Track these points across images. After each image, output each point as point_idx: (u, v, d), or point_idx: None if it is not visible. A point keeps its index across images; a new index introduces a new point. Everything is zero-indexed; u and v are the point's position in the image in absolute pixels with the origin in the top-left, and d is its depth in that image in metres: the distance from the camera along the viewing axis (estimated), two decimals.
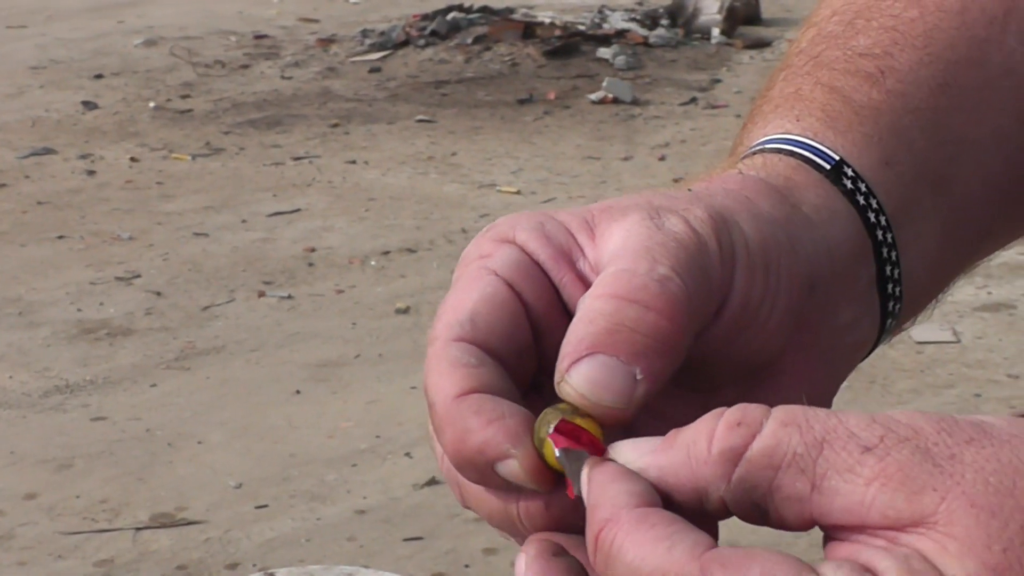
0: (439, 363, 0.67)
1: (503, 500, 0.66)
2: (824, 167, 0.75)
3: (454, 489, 0.69)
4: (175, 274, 5.41)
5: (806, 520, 0.58)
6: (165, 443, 4.18)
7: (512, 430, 0.64)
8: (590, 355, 0.64)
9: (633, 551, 0.57)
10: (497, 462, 0.64)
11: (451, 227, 5.81)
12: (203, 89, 7.92)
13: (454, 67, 8.19)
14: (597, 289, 0.66)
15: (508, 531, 0.68)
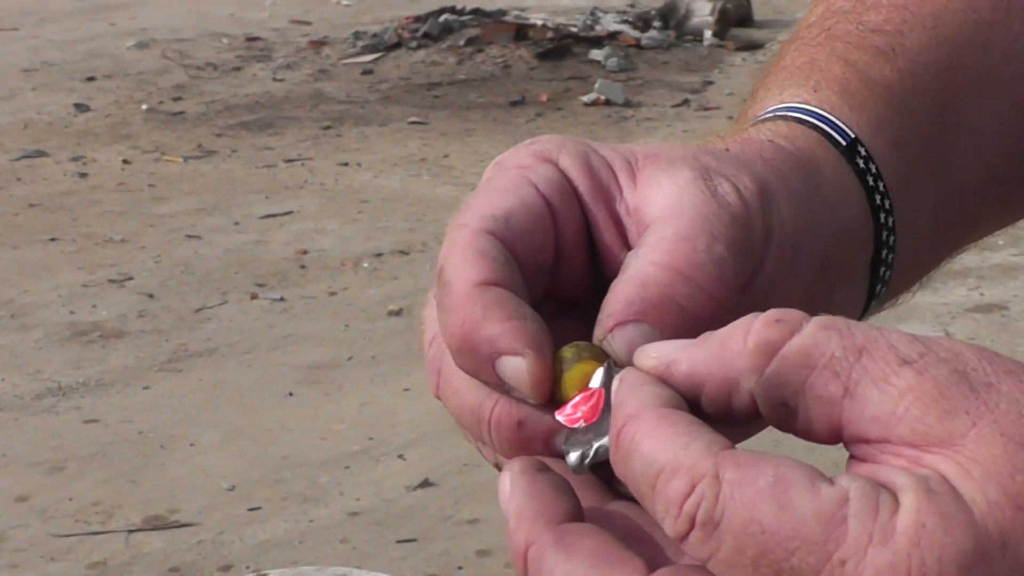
0: (465, 248, 0.66)
1: (480, 400, 0.65)
2: (840, 143, 0.75)
3: (431, 376, 0.68)
4: (167, 276, 5.40)
5: (833, 426, 0.57)
6: (158, 445, 4.17)
7: (530, 332, 0.63)
8: (636, 322, 0.64)
9: (650, 445, 0.57)
10: (503, 357, 0.63)
11: (443, 229, 5.72)
12: (195, 91, 7.92)
13: (446, 69, 8.19)
14: (655, 254, 0.65)
15: (472, 434, 0.67)
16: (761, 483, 0.55)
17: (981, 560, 0.53)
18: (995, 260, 5.30)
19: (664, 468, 0.56)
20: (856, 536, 0.53)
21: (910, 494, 0.54)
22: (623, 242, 0.68)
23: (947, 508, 0.54)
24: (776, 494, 0.54)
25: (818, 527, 0.54)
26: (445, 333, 0.65)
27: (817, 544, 0.54)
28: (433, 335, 0.68)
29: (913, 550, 0.53)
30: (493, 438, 0.65)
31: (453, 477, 3.94)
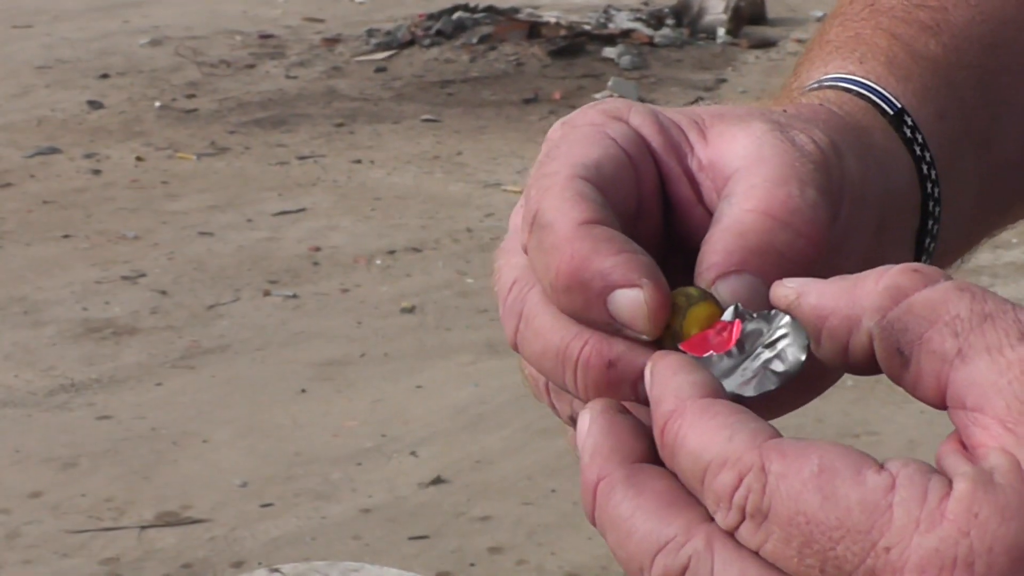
0: (563, 191, 0.64)
1: (567, 340, 0.64)
2: (887, 112, 0.75)
3: (510, 322, 0.66)
4: (180, 273, 5.41)
5: (941, 385, 0.57)
6: (170, 442, 4.18)
7: (645, 264, 0.62)
8: (739, 272, 0.63)
9: (695, 440, 0.57)
10: (617, 291, 0.62)
11: (456, 226, 5.81)
12: (208, 88, 7.92)
13: (459, 67, 8.18)
14: (749, 202, 0.64)
15: (554, 377, 0.65)
16: (805, 473, 0.54)
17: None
18: (1009, 258, 5.29)
19: (711, 463, 0.56)
20: (901, 523, 0.53)
21: (966, 482, 0.53)
22: (698, 198, 0.68)
23: (1007, 500, 0.53)
24: (821, 484, 0.54)
25: (862, 516, 0.53)
26: (548, 273, 0.63)
27: (861, 532, 0.53)
28: (514, 280, 0.66)
29: (961, 538, 0.52)
30: (579, 380, 0.64)
31: (465, 474, 3.94)
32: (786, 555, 0.55)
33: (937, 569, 0.52)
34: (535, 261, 0.65)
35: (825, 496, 0.54)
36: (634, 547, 0.58)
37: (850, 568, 0.53)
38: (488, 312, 4.95)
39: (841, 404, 4.11)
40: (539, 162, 0.68)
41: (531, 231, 0.65)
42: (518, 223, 0.68)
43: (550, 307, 0.64)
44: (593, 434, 0.60)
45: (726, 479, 0.56)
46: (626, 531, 0.58)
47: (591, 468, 0.60)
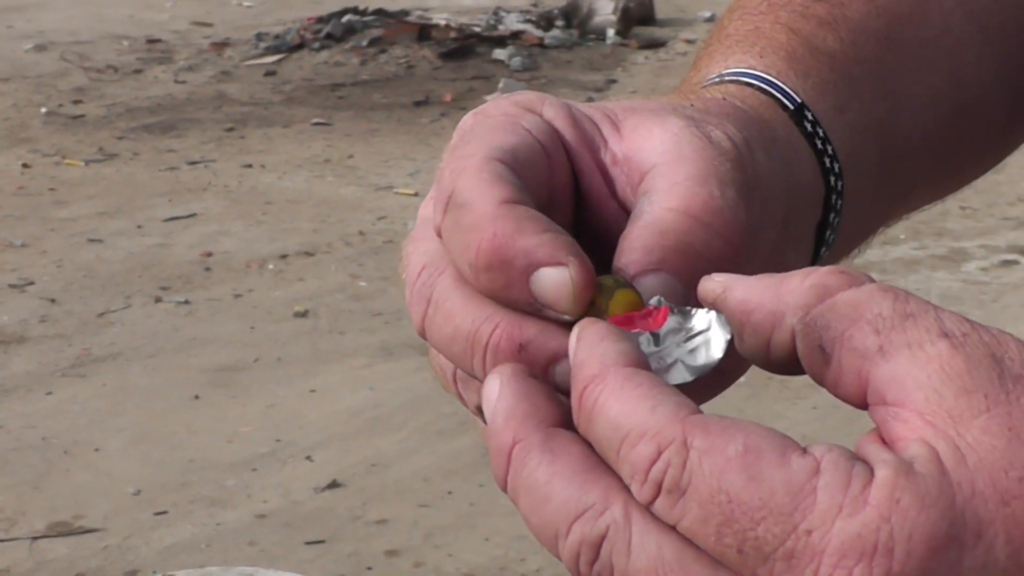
0: (480, 172, 0.64)
1: (477, 324, 0.63)
2: (788, 107, 0.75)
3: (418, 308, 0.66)
4: (70, 281, 5.35)
5: (862, 381, 0.57)
6: (62, 451, 4.13)
7: (569, 243, 0.62)
8: (657, 271, 0.63)
9: (616, 408, 0.56)
10: (541, 269, 0.61)
11: (349, 230, 5.79)
12: (96, 94, 7.84)
13: (349, 70, 8.16)
14: (670, 200, 0.64)
15: (463, 363, 0.64)
16: (730, 451, 0.54)
17: (953, 545, 0.53)
18: (897, 254, 5.36)
19: (630, 433, 0.56)
20: (825, 507, 0.53)
21: (888, 470, 0.53)
22: (611, 191, 0.68)
23: (926, 488, 0.53)
24: (745, 464, 0.54)
25: (786, 498, 0.53)
26: (467, 253, 0.63)
27: (784, 515, 0.53)
28: (423, 266, 0.66)
29: (883, 524, 0.53)
30: (488, 364, 0.63)
31: (361, 478, 3.93)
32: (703, 533, 0.54)
33: (858, 554, 0.52)
34: (452, 242, 0.64)
35: (750, 476, 0.54)
36: (550, 514, 0.57)
37: (769, 550, 0.53)
38: (382, 315, 4.94)
39: (735, 401, 4.15)
40: (452, 147, 0.67)
41: (446, 211, 0.64)
42: (428, 213, 0.68)
43: (460, 291, 0.64)
44: (505, 397, 0.60)
45: (645, 451, 0.55)
46: (542, 497, 0.57)
47: (505, 432, 0.59)
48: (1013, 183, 5.96)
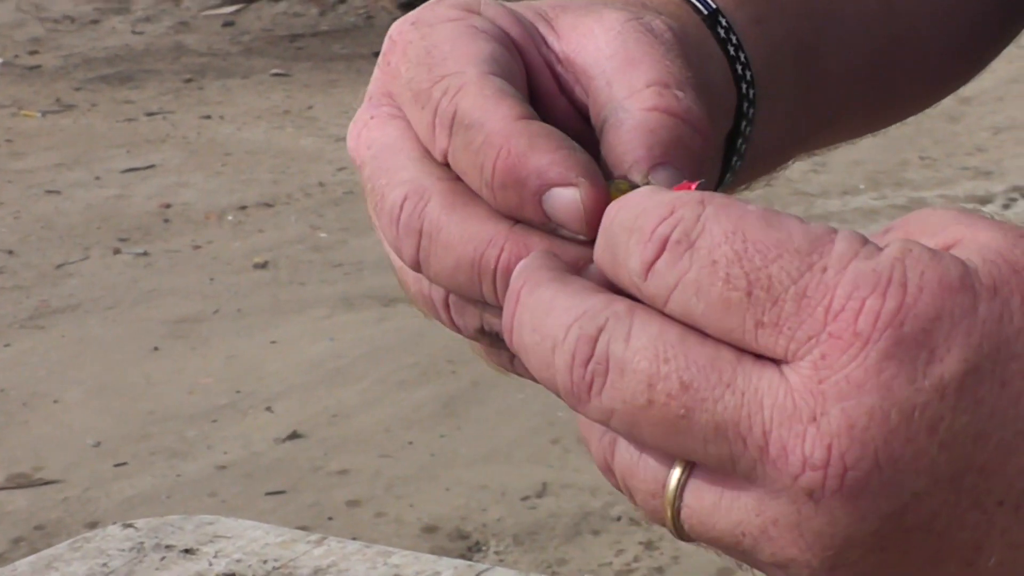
0: (482, 89, 0.62)
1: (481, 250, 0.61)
2: (702, 12, 0.73)
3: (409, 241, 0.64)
4: (27, 232, 5.31)
5: None
6: (20, 403, 4.11)
7: (583, 162, 0.61)
8: (666, 165, 0.62)
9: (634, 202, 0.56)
10: (553, 189, 0.60)
11: (308, 181, 5.77)
12: (52, 45, 7.78)
13: (308, 20, 8.12)
14: (643, 102, 0.63)
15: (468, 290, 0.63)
16: (748, 208, 0.53)
17: (967, 291, 0.52)
18: (856, 204, 5.37)
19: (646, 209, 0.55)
20: (841, 251, 0.52)
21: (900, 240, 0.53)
22: (560, 88, 0.67)
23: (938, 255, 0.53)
24: (767, 215, 0.53)
25: (804, 241, 0.52)
26: (482, 173, 0.61)
27: (801, 254, 0.52)
28: (404, 196, 0.64)
29: (896, 263, 0.52)
30: (499, 289, 0.61)
31: (322, 429, 3.93)
32: (711, 279, 0.52)
33: (871, 285, 0.51)
34: (463, 163, 0.62)
35: (768, 223, 0.53)
36: (551, 322, 0.55)
37: (780, 289, 0.52)
38: (342, 266, 4.93)
39: None
40: (415, 64, 0.65)
41: (452, 134, 0.62)
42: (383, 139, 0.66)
43: (454, 216, 0.62)
44: (526, 260, 0.59)
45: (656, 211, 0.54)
46: (544, 311, 0.55)
47: (517, 279, 0.57)
48: (971, 133, 5.98)
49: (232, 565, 1.14)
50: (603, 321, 0.54)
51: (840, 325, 0.51)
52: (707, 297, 0.53)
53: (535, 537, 3.38)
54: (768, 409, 0.52)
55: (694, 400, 0.52)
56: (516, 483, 3.59)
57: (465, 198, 0.63)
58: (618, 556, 3.29)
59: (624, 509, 3.42)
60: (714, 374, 0.52)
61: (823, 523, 0.52)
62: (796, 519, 0.53)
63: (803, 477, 0.52)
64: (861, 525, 0.52)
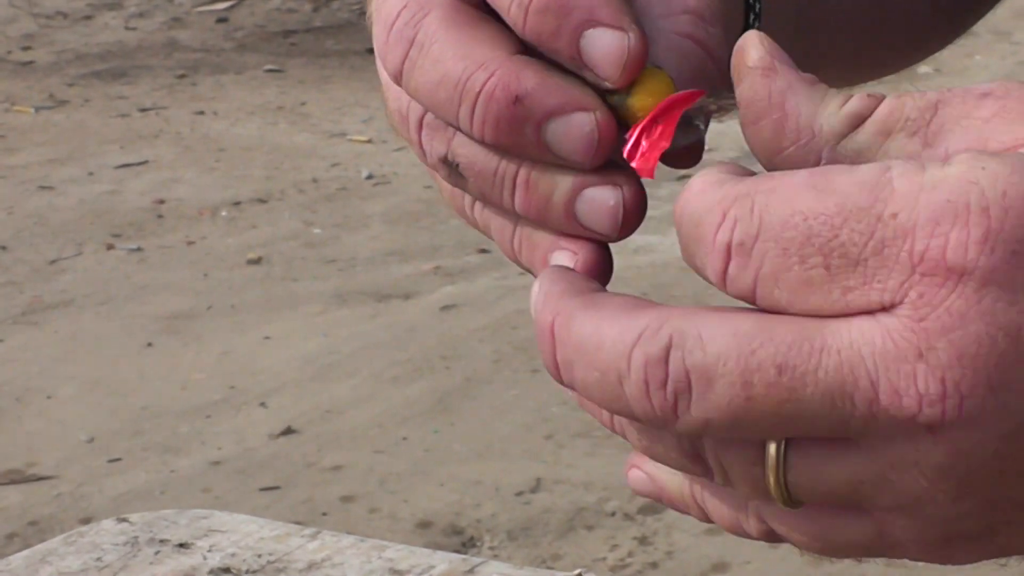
0: None
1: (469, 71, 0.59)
2: None
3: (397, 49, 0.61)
4: (20, 228, 5.31)
5: None
6: (13, 399, 4.11)
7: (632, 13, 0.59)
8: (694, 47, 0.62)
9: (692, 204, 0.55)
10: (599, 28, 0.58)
11: (302, 177, 5.77)
12: (45, 40, 7.77)
13: (302, 16, 8.11)
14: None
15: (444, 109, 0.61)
16: (796, 179, 0.52)
17: None
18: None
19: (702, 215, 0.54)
20: (904, 190, 0.51)
21: (966, 154, 0.51)
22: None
23: (1014, 160, 0.51)
24: (813, 182, 0.52)
25: (862, 194, 0.51)
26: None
27: (864, 210, 0.51)
28: (403, 5, 0.61)
29: (971, 186, 0.50)
30: (476, 114, 0.59)
31: (316, 424, 3.93)
32: (787, 266, 0.52)
33: (952, 217, 0.50)
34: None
35: (820, 190, 0.51)
36: (606, 355, 0.53)
37: (857, 251, 0.51)
38: (336, 262, 4.93)
39: None
40: None
41: None
42: None
43: (452, 32, 0.60)
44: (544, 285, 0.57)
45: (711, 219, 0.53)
46: (594, 346, 0.54)
47: (545, 311, 0.56)
48: None
49: (226, 559, 1.14)
50: (666, 339, 0.53)
51: (930, 264, 0.50)
52: (788, 283, 0.52)
53: (529, 532, 3.38)
54: (870, 358, 0.51)
55: (794, 379, 0.51)
56: (510, 478, 3.59)
57: (468, 17, 0.61)
58: (612, 551, 3.29)
59: (618, 504, 3.42)
60: (806, 344, 0.51)
61: (943, 454, 0.52)
62: (915, 457, 0.52)
63: (921, 415, 0.51)
64: (981, 450, 0.51)
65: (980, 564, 0.56)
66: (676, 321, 0.53)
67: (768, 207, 0.52)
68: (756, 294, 0.53)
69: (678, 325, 0.53)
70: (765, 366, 0.51)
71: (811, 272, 0.51)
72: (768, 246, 0.52)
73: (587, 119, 0.59)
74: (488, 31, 0.61)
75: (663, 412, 0.53)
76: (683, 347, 0.52)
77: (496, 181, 0.62)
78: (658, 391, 0.52)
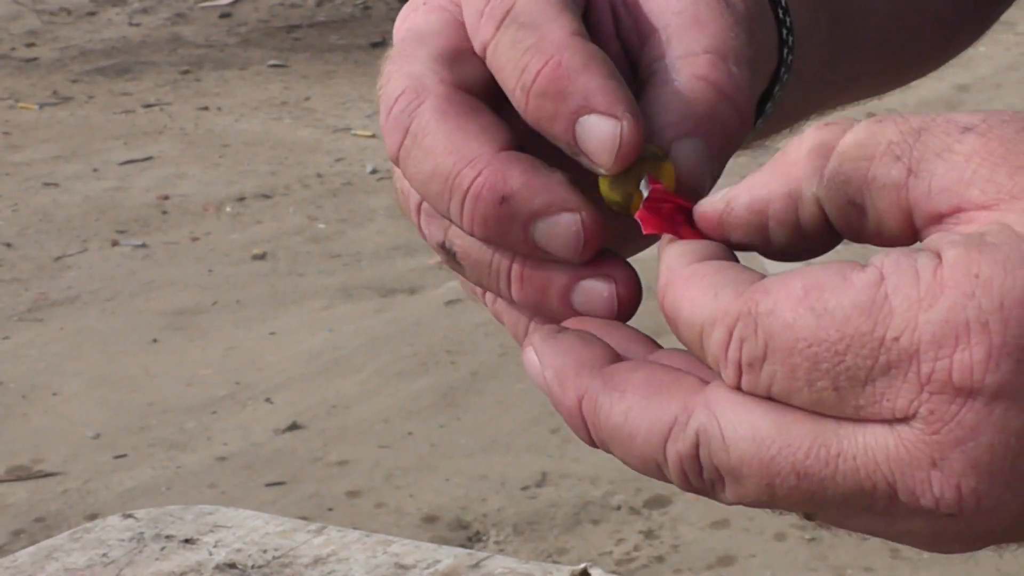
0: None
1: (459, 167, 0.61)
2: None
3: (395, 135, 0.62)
4: (25, 225, 5.31)
5: (904, 213, 0.55)
6: (19, 395, 4.11)
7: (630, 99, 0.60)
8: (693, 136, 0.61)
9: (687, 307, 0.56)
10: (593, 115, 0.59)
11: (306, 172, 5.76)
12: (49, 37, 7.77)
13: (306, 11, 8.11)
14: (696, 68, 0.62)
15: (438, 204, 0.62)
16: (793, 300, 0.52)
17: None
18: None
19: (704, 325, 0.55)
20: (902, 309, 0.51)
21: (957, 248, 0.51)
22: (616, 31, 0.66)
23: (1005, 254, 0.50)
24: (811, 304, 0.52)
25: (861, 318, 0.51)
26: (523, 74, 0.60)
27: (865, 335, 0.51)
28: (403, 90, 0.62)
29: (968, 301, 0.50)
30: (466, 211, 0.60)
31: (321, 420, 3.93)
32: (796, 388, 0.53)
33: (953, 339, 0.50)
34: (504, 58, 0.61)
35: (818, 314, 0.52)
36: (641, 448, 0.56)
37: (864, 374, 0.52)
38: (341, 257, 4.93)
39: None
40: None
41: (501, 27, 0.61)
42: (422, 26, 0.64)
43: (444, 124, 0.61)
44: (548, 363, 0.59)
45: (719, 336, 0.54)
46: (628, 436, 0.56)
47: (567, 392, 0.58)
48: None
49: (232, 555, 1.14)
50: (693, 437, 0.55)
51: (937, 384, 0.51)
52: (800, 398, 0.53)
53: (535, 527, 3.38)
54: (884, 463, 0.52)
55: (813, 484, 0.53)
56: (516, 473, 3.59)
57: (461, 108, 0.62)
58: (618, 545, 3.29)
59: (624, 499, 3.42)
60: (822, 450, 0.53)
61: (962, 528, 0.53)
62: (935, 528, 0.54)
63: (940, 510, 0.53)
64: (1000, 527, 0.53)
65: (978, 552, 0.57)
66: (700, 416, 0.55)
67: (771, 332, 0.53)
68: (771, 394, 0.54)
69: (702, 423, 0.55)
70: (784, 472, 0.54)
71: (821, 394, 0.53)
72: (775, 368, 0.53)
73: (572, 220, 0.60)
74: (480, 122, 0.61)
75: (703, 491, 0.56)
76: (709, 447, 0.55)
77: (492, 272, 0.63)
78: (696, 479, 0.56)
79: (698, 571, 3.16)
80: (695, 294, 0.56)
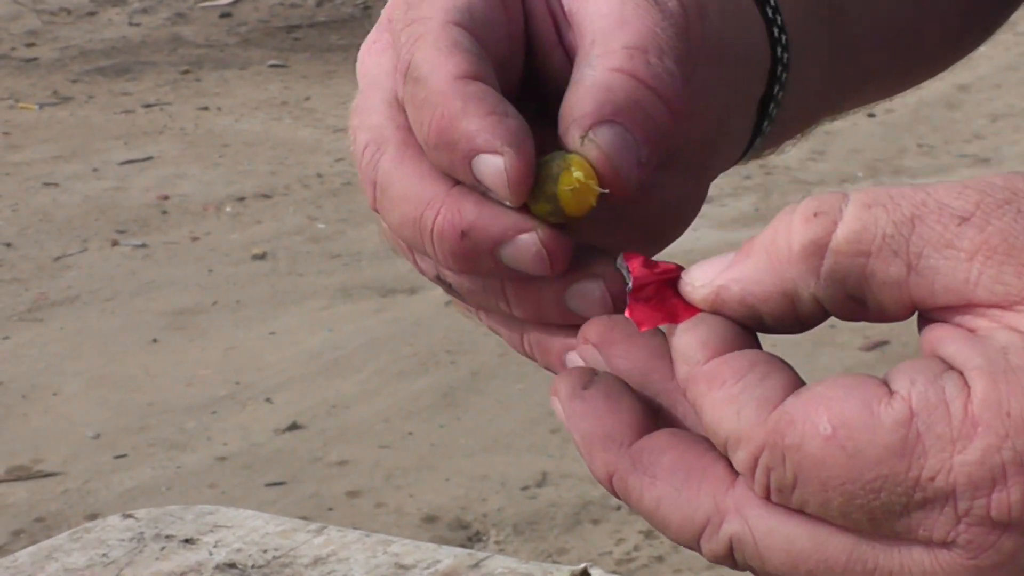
0: (438, 40, 0.61)
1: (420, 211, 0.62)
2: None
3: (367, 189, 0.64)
4: (25, 225, 5.31)
5: (906, 306, 0.54)
6: (19, 395, 4.11)
7: (511, 129, 0.60)
8: (612, 122, 0.61)
9: (709, 414, 0.55)
10: (480, 155, 0.60)
11: (306, 172, 5.76)
12: (49, 37, 7.77)
13: (306, 11, 8.11)
14: (612, 63, 0.62)
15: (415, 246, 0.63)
16: (820, 437, 0.52)
17: None
18: None
19: (728, 440, 0.55)
20: (936, 449, 0.51)
21: (984, 379, 0.51)
22: (559, 39, 0.66)
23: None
24: (840, 443, 0.52)
25: (894, 459, 0.52)
26: (421, 130, 0.61)
27: (900, 474, 0.52)
28: (365, 144, 0.64)
29: (1003, 443, 0.50)
30: (437, 250, 0.62)
31: (321, 419, 3.93)
32: (829, 515, 0.53)
33: (990, 481, 0.51)
34: (410, 116, 0.62)
35: (850, 455, 0.52)
36: (676, 533, 0.57)
37: (900, 508, 0.52)
38: (341, 257, 4.92)
39: None
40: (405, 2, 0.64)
41: (404, 83, 0.62)
42: (374, 70, 0.65)
43: (401, 171, 0.63)
44: (575, 426, 0.59)
45: (743, 457, 0.54)
46: (661, 521, 0.57)
47: (595, 464, 0.58)
48: (969, 120, 5.98)
49: (232, 555, 1.14)
50: (727, 541, 0.55)
51: (975, 519, 0.51)
52: (834, 519, 0.53)
53: (535, 527, 3.38)
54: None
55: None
56: (516, 473, 3.59)
57: (414, 151, 0.63)
58: (618, 545, 3.29)
59: None
60: (859, 564, 0.54)
61: None
62: None
63: None
64: None
65: None
66: (733, 522, 0.55)
67: (801, 467, 0.53)
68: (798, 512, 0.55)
69: (736, 530, 0.55)
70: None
71: (857, 524, 0.53)
72: (807, 497, 0.53)
73: (531, 240, 0.61)
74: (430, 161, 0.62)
75: None
76: (743, 552, 0.55)
77: (488, 296, 0.64)
78: (733, 567, 0.56)
79: (698, 571, 3.16)
80: (717, 408, 0.55)
